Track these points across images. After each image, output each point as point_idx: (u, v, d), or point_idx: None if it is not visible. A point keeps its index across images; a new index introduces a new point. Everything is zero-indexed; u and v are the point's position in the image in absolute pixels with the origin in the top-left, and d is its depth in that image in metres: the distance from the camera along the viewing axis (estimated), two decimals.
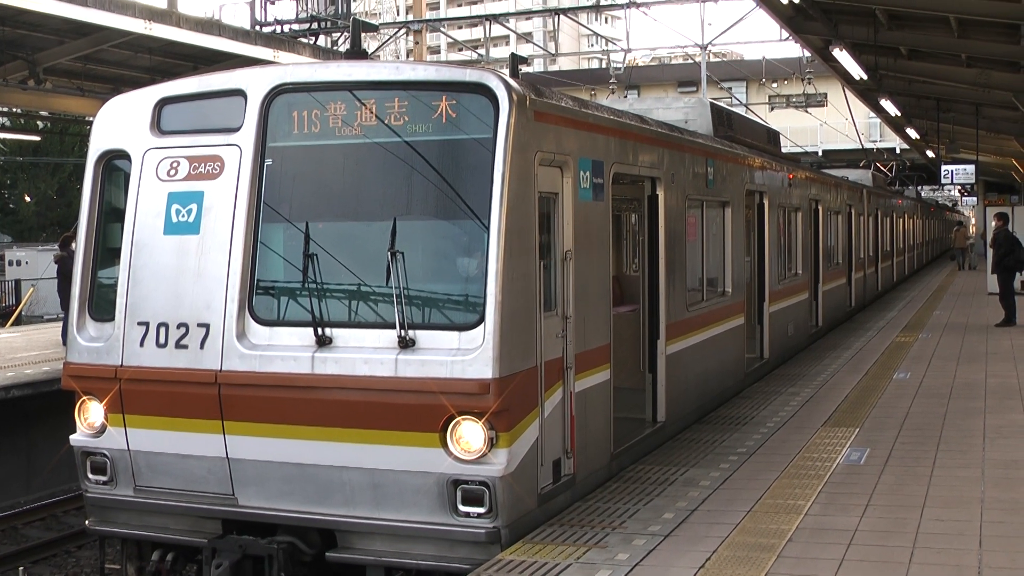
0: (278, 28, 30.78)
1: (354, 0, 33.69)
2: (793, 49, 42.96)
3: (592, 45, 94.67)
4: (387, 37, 43.22)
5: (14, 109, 29.14)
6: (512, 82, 8.17)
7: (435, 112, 8.16)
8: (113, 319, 8.81)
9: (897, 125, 40.31)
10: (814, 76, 44.27)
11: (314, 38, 30.83)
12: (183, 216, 8.62)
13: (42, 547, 14.26)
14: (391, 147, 8.26)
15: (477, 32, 63.47)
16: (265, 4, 30.94)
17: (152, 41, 22.05)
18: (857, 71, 23.97)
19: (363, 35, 10.34)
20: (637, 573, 7.47)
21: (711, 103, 15.51)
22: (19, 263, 45.62)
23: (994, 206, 33.73)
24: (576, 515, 8.79)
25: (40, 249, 44.83)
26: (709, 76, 43.26)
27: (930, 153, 43.91)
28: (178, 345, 8.47)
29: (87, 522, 9.32)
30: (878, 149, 58.41)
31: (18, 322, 32.61)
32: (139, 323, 8.64)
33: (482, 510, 7.86)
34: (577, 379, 9.11)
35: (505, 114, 7.96)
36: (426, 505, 7.97)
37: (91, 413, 8.92)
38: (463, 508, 7.89)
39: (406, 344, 7.92)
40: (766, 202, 16.64)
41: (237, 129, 8.58)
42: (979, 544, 7.96)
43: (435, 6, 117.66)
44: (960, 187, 66.95)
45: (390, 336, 7.98)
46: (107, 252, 9.21)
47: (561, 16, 41.05)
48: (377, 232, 8.22)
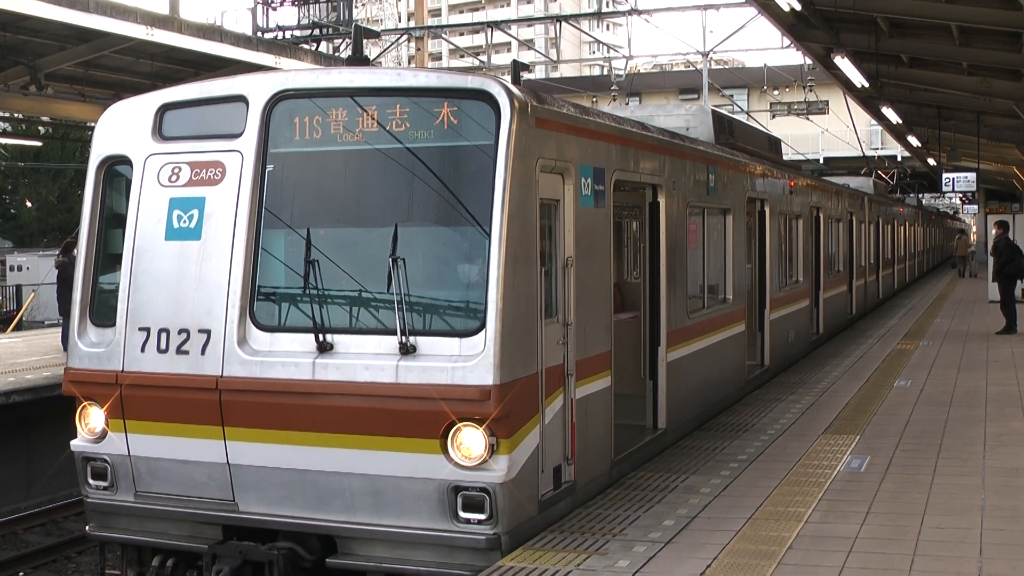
0: (280, 34, 30.80)
1: (356, 6, 33.74)
2: (795, 57, 42.98)
3: (594, 52, 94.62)
4: (389, 44, 43.27)
5: (15, 114, 29.14)
6: (514, 89, 8.18)
7: (437, 119, 8.16)
8: (114, 325, 8.81)
9: (898, 133, 40.33)
10: (815, 83, 44.35)
11: (316, 44, 30.86)
12: (184, 222, 8.62)
13: (42, 552, 14.25)
14: (392, 153, 8.26)
15: (479, 39, 63.48)
16: (267, 10, 30.98)
17: (154, 47, 22.07)
18: (858, 79, 23.98)
19: (365, 41, 10.33)
20: None
21: (712, 110, 15.50)
22: (20, 268, 45.64)
23: (995, 214, 33.76)
24: (577, 522, 8.78)
25: (41, 255, 44.83)
26: (710, 83, 43.29)
27: (931, 161, 43.94)
28: (179, 351, 8.47)
29: (87, 528, 9.31)
30: (879, 157, 58.42)
31: (19, 327, 32.62)
32: (140, 329, 8.64)
33: (482, 516, 7.85)
34: (578, 386, 9.10)
35: (507, 121, 7.96)
36: (426, 511, 7.96)
37: (92, 418, 8.93)
38: (463, 514, 7.88)
39: (407, 350, 7.92)
40: (767, 209, 16.64)
41: (239, 135, 8.58)
42: (979, 552, 7.96)
43: (437, 13, 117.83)
44: (961, 195, 66.89)
45: (391, 342, 7.98)
46: (108, 258, 9.21)
47: (563, 23, 41.16)
48: (378, 238, 8.22)
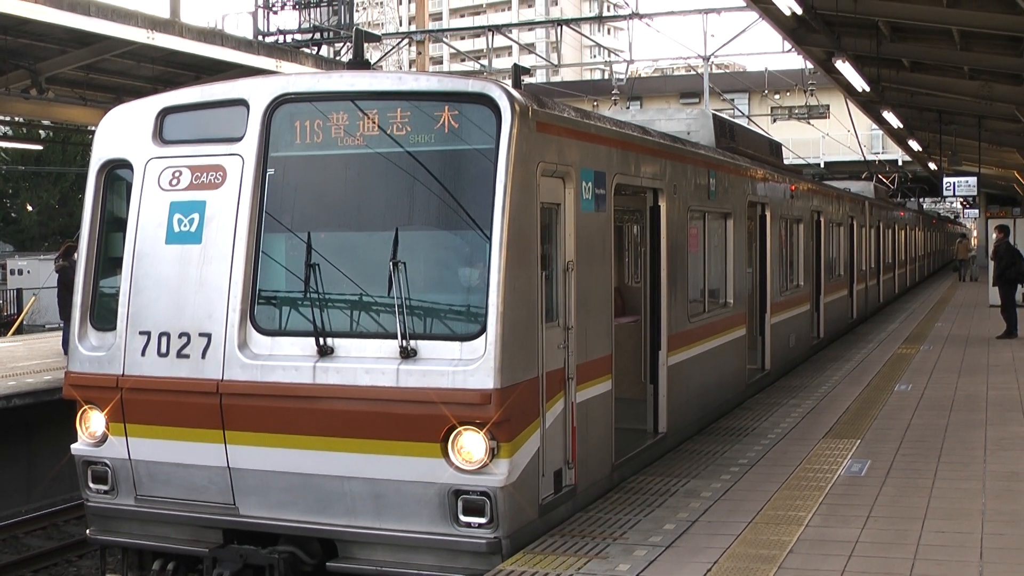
0: (281, 38, 30.81)
1: (357, 10, 33.75)
2: (795, 61, 43.19)
3: (595, 56, 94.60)
4: (390, 48, 43.32)
5: (16, 118, 29.13)
6: (514, 93, 8.18)
7: (437, 123, 8.16)
8: (115, 328, 8.80)
9: (899, 137, 40.35)
10: (816, 88, 44.38)
11: (317, 48, 30.86)
12: (185, 225, 8.62)
13: (43, 556, 14.24)
14: (393, 157, 8.26)
15: (480, 43, 63.57)
16: (268, 14, 31.00)
17: (154, 51, 22.07)
18: (859, 83, 23.98)
19: (366, 45, 10.35)
20: None
21: (713, 114, 15.51)
22: (21, 272, 45.71)
23: (996, 218, 33.74)
24: (577, 526, 8.78)
25: (42, 258, 44.87)
26: (711, 87, 43.29)
27: (932, 165, 44.00)
28: (179, 355, 8.47)
29: (88, 531, 9.30)
30: (880, 161, 58.46)
31: (19, 331, 32.63)
32: (140, 332, 8.64)
33: (483, 520, 7.85)
34: (578, 390, 9.10)
35: (507, 125, 7.96)
36: (427, 515, 7.96)
37: (92, 422, 8.92)
38: (464, 518, 7.88)
39: (407, 354, 7.91)
40: (768, 213, 16.64)
41: (239, 139, 8.58)
42: (980, 556, 7.95)
43: (438, 17, 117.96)
44: (962, 199, 66.92)
45: (391, 346, 7.97)
46: (109, 261, 9.20)
47: (564, 27, 41.17)
48: (379, 242, 8.22)
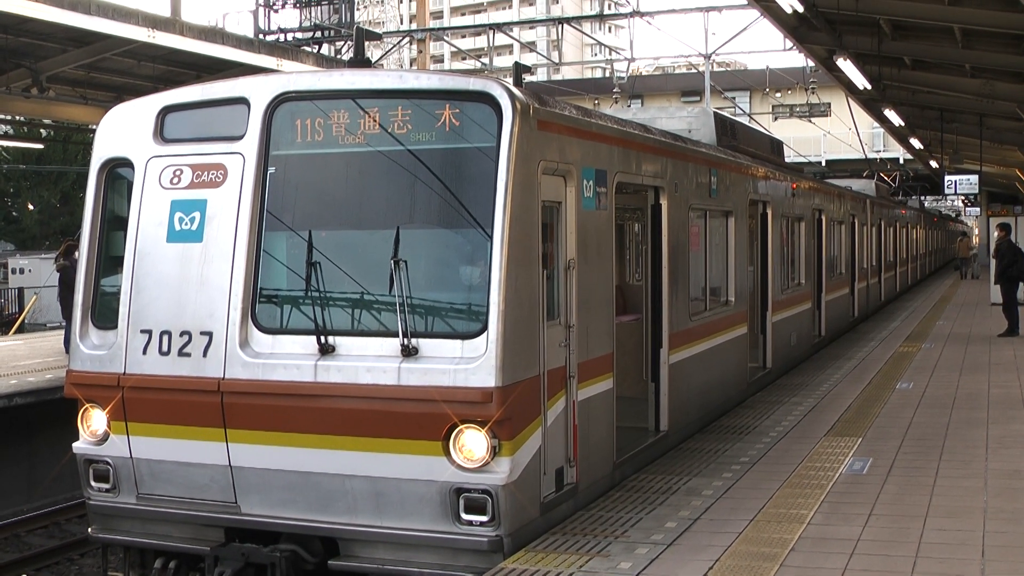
0: (281, 37, 30.82)
1: (358, 9, 33.75)
2: (797, 59, 43.16)
3: (596, 54, 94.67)
4: (391, 46, 43.31)
5: (17, 117, 29.15)
6: (516, 91, 8.17)
7: (438, 121, 8.15)
8: (116, 327, 8.80)
9: (901, 135, 40.35)
10: (818, 86, 44.35)
11: (317, 47, 30.87)
12: (186, 224, 8.62)
13: (45, 555, 14.25)
14: (394, 156, 8.25)
15: (481, 41, 63.50)
16: (268, 12, 31.00)
17: (155, 50, 22.08)
18: (861, 81, 23.98)
19: (367, 44, 10.32)
20: None
21: (715, 112, 15.50)
22: (22, 271, 45.70)
23: (997, 216, 33.71)
24: (579, 524, 8.78)
25: (43, 257, 44.85)
26: (713, 86, 43.26)
27: (933, 163, 43.95)
28: (181, 353, 8.47)
29: (90, 530, 9.32)
30: (881, 159, 58.42)
31: (21, 330, 32.64)
32: (142, 331, 8.64)
33: (485, 519, 7.85)
34: (580, 388, 9.10)
35: (508, 123, 7.95)
36: (428, 513, 7.96)
37: (94, 421, 8.93)
38: (466, 516, 7.88)
39: (409, 352, 7.91)
40: (769, 212, 16.64)
41: (240, 137, 8.58)
42: (981, 554, 7.95)
43: (439, 15, 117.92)
44: (963, 197, 66.93)
45: (393, 344, 7.97)
46: (110, 260, 9.20)
47: (565, 25, 41.18)
48: (380, 240, 8.22)
